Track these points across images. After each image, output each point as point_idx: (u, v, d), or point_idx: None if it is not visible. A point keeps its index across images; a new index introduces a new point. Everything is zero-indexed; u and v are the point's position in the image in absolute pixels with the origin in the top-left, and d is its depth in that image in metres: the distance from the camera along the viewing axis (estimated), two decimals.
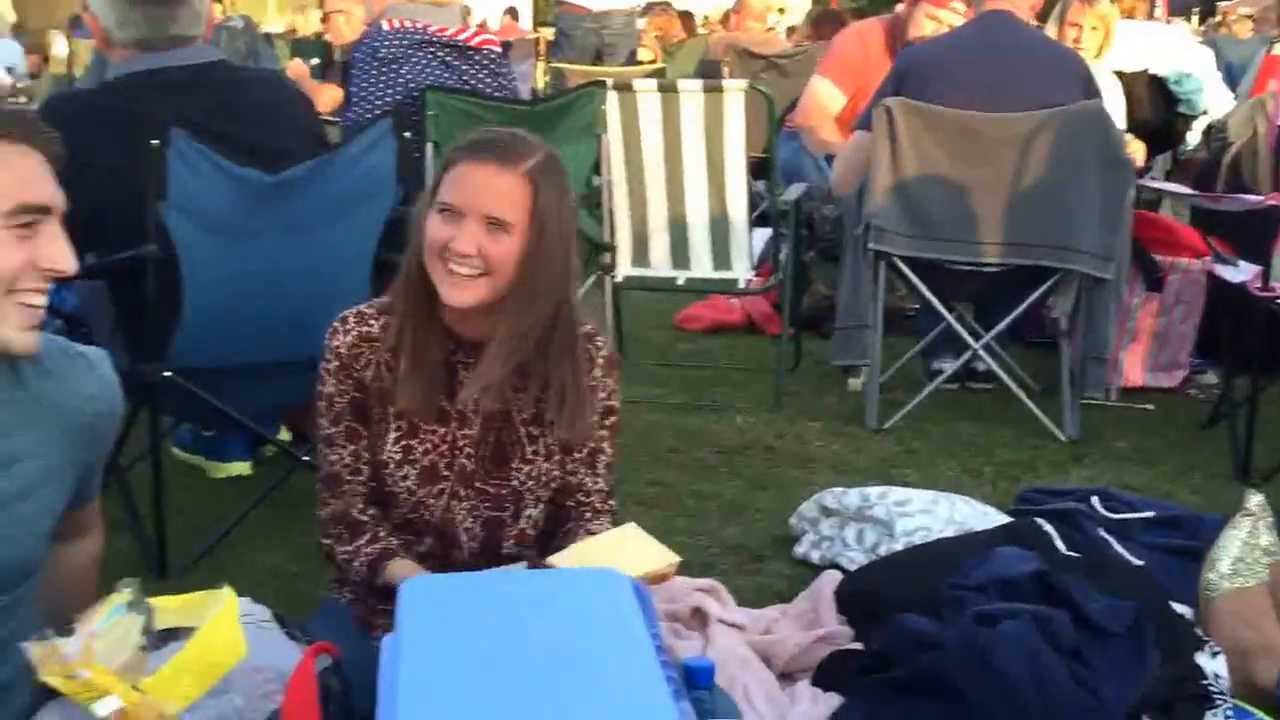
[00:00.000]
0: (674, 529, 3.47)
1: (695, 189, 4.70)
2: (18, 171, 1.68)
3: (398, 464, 2.26)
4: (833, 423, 4.43)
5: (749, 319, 5.77)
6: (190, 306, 3.01)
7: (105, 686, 1.54)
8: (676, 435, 4.27)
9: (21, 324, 1.71)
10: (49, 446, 1.84)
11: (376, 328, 2.25)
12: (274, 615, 1.82)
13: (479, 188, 2.13)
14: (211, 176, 2.97)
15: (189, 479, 3.83)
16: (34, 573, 1.90)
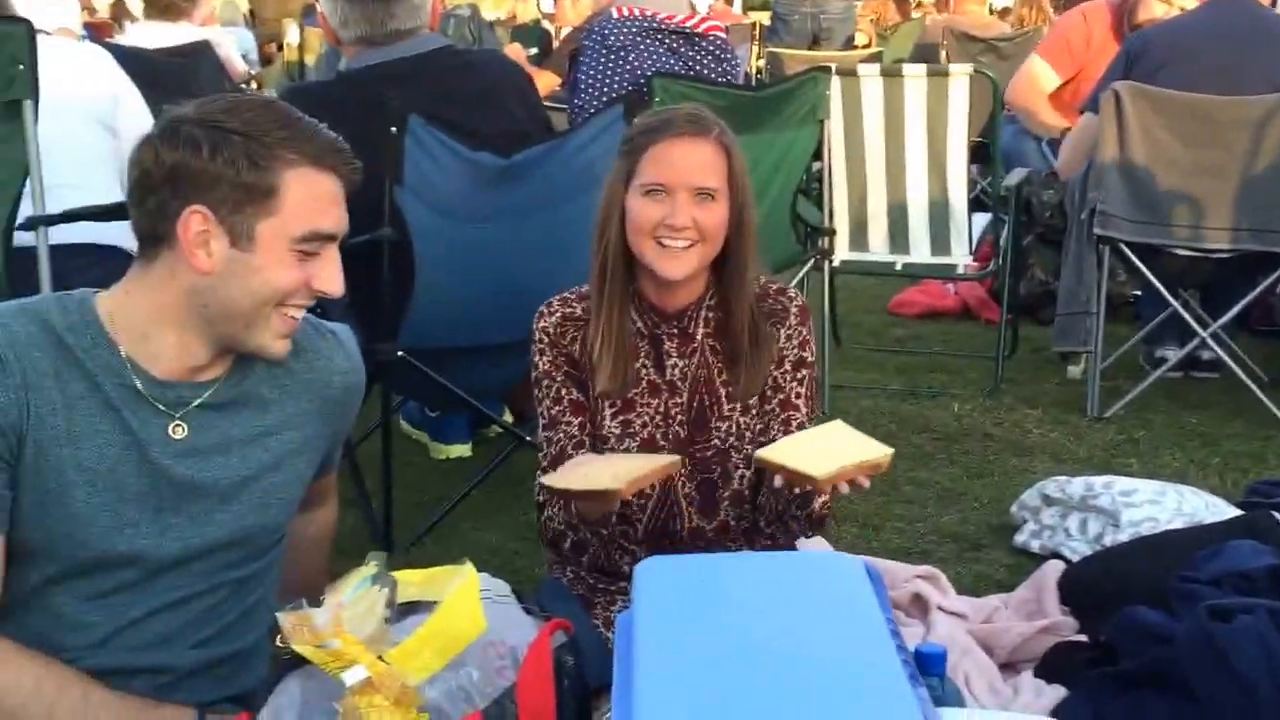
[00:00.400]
0: (891, 515, 3.46)
1: (915, 174, 4.65)
2: (316, 197, 1.75)
3: (618, 438, 2.32)
4: (1052, 410, 4.33)
5: (964, 305, 5.67)
6: (422, 288, 3.11)
7: (353, 656, 1.59)
8: (893, 421, 4.23)
9: (281, 332, 1.79)
10: (302, 419, 1.93)
11: (579, 309, 2.34)
12: (511, 590, 1.87)
13: (683, 162, 2.20)
14: (446, 161, 3.06)
15: (414, 457, 3.97)
16: (282, 539, 1.99)
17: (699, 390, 2.33)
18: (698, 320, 2.32)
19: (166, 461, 1.77)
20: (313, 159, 1.74)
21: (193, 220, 1.70)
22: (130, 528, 1.76)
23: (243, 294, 1.74)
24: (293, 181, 1.72)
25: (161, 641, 1.81)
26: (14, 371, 1.67)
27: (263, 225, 1.72)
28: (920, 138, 4.60)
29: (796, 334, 2.34)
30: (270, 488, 1.88)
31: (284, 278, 1.74)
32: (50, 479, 1.70)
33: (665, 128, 2.22)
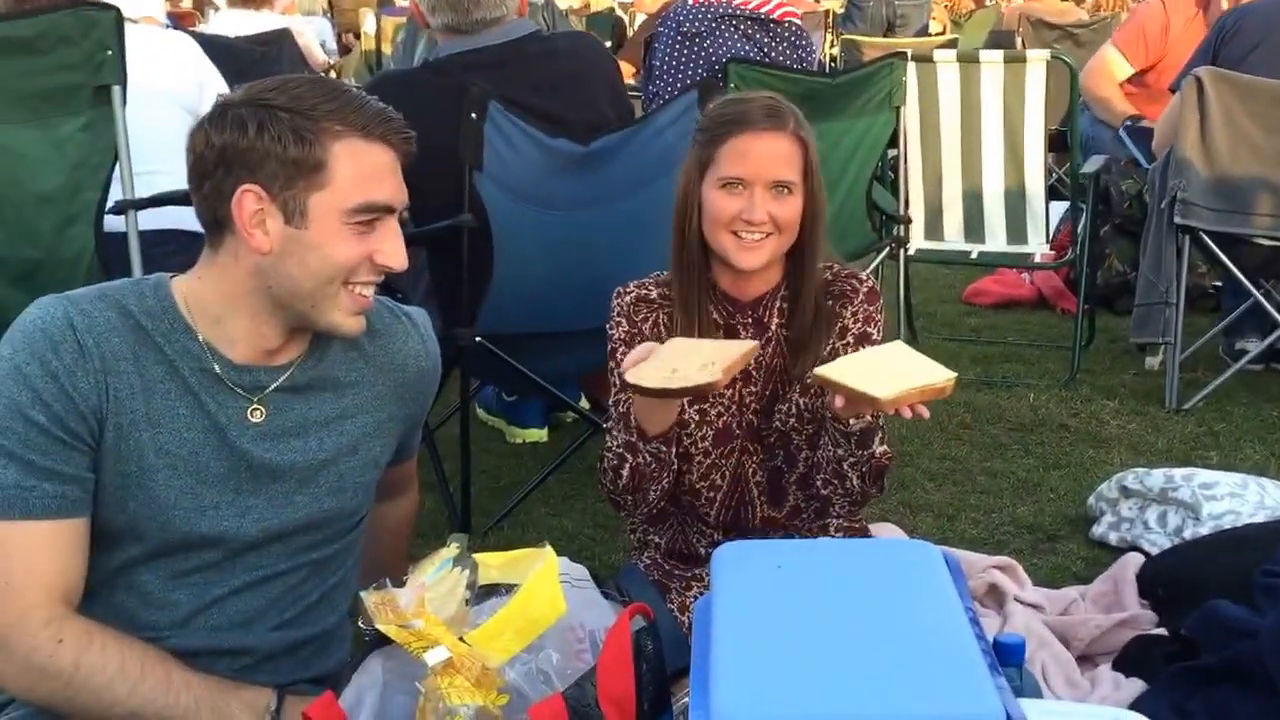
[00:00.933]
0: (966, 505, 3.45)
1: (992, 162, 4.61)
2: (367, 169, 1.73)
3: (696, 424, 2.32)
4: (1129, 401, 4.28)
5: (1039, 294, 5.61)
6: (500, 273, 3.13)
7: (435, 637, 1.61)
8: (968, 411, 4.20)
9: (352, 309, 1.78)
10: (377, 403, 1.93)
11: (655, 293, 2.35)
12: (590, 575, 1.88)
13: (761, 157, 2.20)
14: (525, 147, 3.07)
15: (490, 443, 4.00)
16: (361, 523, 1.99)
17: (772, 379, 2.33)
18: (772, 310, 2.32)
19: (245, 445, 1.79)
20: (360, 129, 1.72)
21: (246, 200, 1.71)
22: (211, 510, 1.78)
23: (303, 272, 1.73)
24: (341, 153, 1.71)
25: (244, 621, 1.83)
26: (93, 356, 1.69)
27: (315, 200, 1.71)
28: (997, 125, 4.56)
29: (862, 310, 2.32)
30: (347, 471, 1.89)
31: (342, 253, 1.73)
32: (131, 463, 1.72)
33: (743, 120, 2.21)
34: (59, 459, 1.68)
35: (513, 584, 1.74)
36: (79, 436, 1.69)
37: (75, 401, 1.68)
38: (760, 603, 1.61)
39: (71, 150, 2.97)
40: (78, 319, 1.70)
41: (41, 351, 1.67)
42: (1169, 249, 4.11)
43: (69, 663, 1.67)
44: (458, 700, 1.59)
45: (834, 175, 3.79)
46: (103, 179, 3.01)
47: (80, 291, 1.76)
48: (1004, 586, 2.79)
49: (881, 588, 1.67)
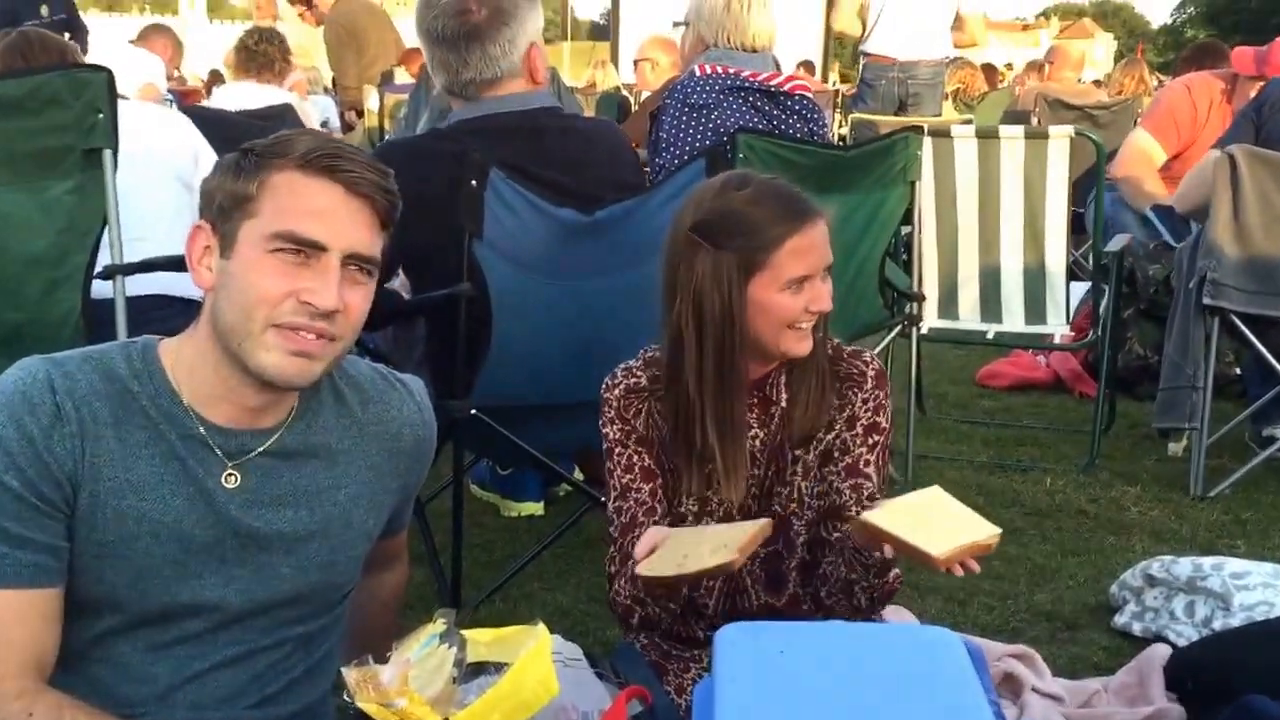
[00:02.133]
0: (979, 590, 3.32)
1: (1010, 239, 4.51)
2: (298, 200, 1.65)
3: (695, 516, 2.22)
4: (1151, 488, 4.15)
5: (1056, 377, 5.50)
6: (498, 344, 3.04)
7: (419, 717, 1.51)
8: (980, 494, 4.08)
9: (285, 349, 1.65)
10: (371, 473, 1.86)
11: (645, 379, 2.24)
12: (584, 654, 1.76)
13: (821, 247, 2.13)
14: (528, 215, 2.99)
15: (484, 516, 3.89)
16: (347, 597, 1.92)
17: (774, 459, 2.22)
18: (777, 386, 2.22)
19: (233, 512, 1.72)
20: (297, 161, 1.66)
21: (197, 236, 1.70)
22: (195, 579, 1.71)
23: (229, 305, 1.66)
24: (273, 183, 1.66)
25: (225, 698, 1.75)
26: (71, 420, 1.64)
27: (244, 229, 1.66)
28: (1017, 202, 4.47)
29: (872, 398, 2.22)
30: (338, 544, 1.82)
31: (261, 283, 1.64)
32: (110, 531, 1.66)
33: (795, 219, 2.10)
34: (32, 526, 1.61)
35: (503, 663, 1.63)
36: (53, 504, 1.63)
37: (50, 467, 1.62)
38: (766, 689, 1.49)
39: (60, 213, 2.93)
40: (59, 381, 1.64)
41: (18, 414, 1.62)
42: (1197, 331, 4.00)
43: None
44: None
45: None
46: (91, 243, 2.97)
47: (65, 354, 1.71)
48: (1021, 676, 2.65)
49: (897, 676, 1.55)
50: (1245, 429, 4.56)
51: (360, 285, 1.70)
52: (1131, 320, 5.05)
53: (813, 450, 2.22)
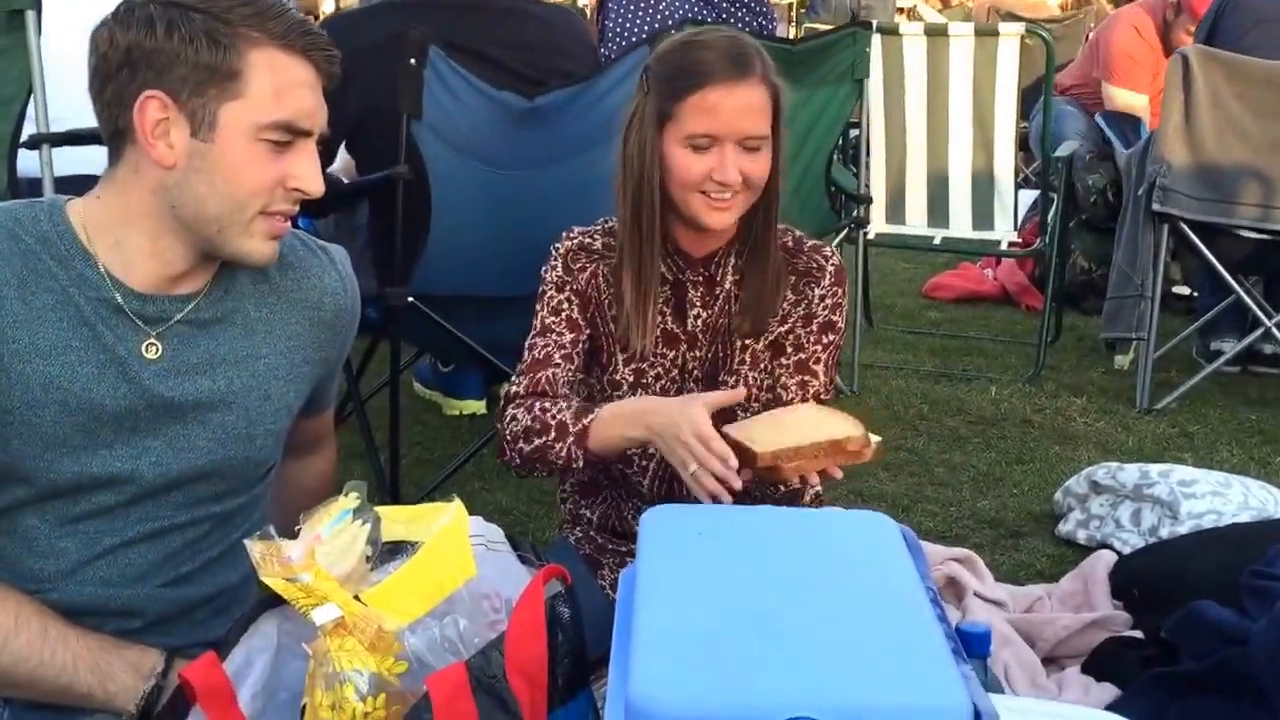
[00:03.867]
0: (922, 497, 3.28)
1: (959, 142, 4.43)
2: (286, 83, 1.58)
3: (630, 386, 2.14)
4: (1098, 400, 4.12)
5: (1003, 291, 5.46)
6: (436, 231, 2.94)
7: (325, 593, 1.42)
8: (925, 403, 4.04)
9: (265, 235, 1.63)
10: (290, 342, 1.78)
11: (598, 243, 2.17)
12: (506, 536, 1.67)
13: (732, 112, 1.98)
14: (468, 98, 2.87)
15: (426, 414, 3.84)
16: (269, 475, 1.85)
17: (717, 341, 2.14)
18: (725, 268, 2.13)
19: (145, 380, 1.64)
20: (280, 38, 1.57)
21: (149, 107, 1.55)
22: (105, 449, 1.63)
23: (210, 193, 1.58)
24: (258, 63, 1.56)
25: (136, 576, 1.68)
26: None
27: (225, 110, 1.56)
28: (965, 103, 4.38)
29: (831, 294, 2.13)
30: (255, 416, 1.74)
31: (253, 174, 1.58)
32: (15, 396, 1.58)
33: (708, 71, 1.99)
34: None
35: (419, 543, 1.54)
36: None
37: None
38: (693, 572, 1.41)
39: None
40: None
41: None
42: (1146, 239, 3.94)
43: None
44: (349, 665, 1.40)
45: (793, 150, 3.59)
46: (15, 111, 2.83)
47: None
48: (963, 580, 2.60)
49: (831, 560, 1.47)
50: (1193, 343, 4.53)
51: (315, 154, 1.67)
52: (1074, 232, 4.99)
53: (762, 340, 2.14)
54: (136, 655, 1.63)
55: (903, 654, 1.27)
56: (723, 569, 1.41)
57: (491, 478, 3.32)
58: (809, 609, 1.33)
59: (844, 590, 1.39)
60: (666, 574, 1.41)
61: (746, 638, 1.27)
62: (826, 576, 1.41)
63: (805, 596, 1.36)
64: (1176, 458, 3.58)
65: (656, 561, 1.44)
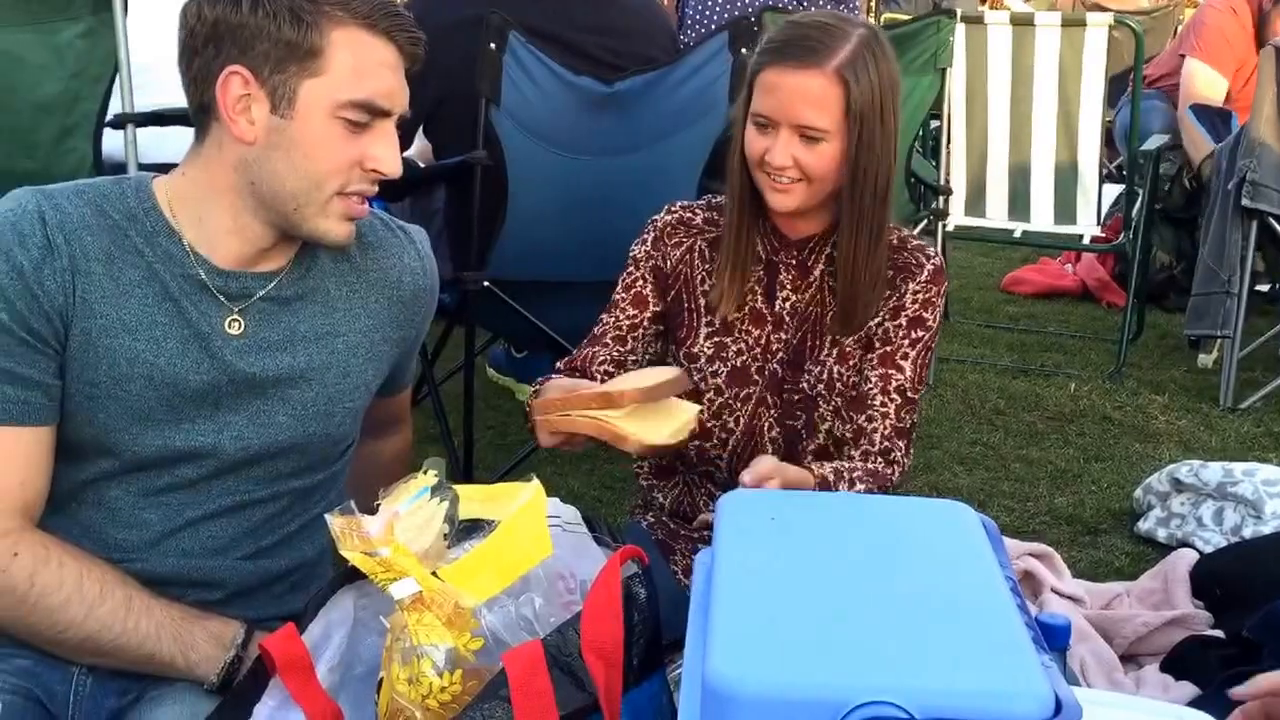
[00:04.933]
0: (998, 493, 3.24)
1: (1043, 134, 4.35)
2: (368, 63, 1.59)
3: (709, 359, 2.14)
4: (1179, 398, 4.05)
5: (1083, 286, 5.36)
6: (512, 216, 2.95)
7: (404, 568, 1.42)
8: (1002, 397, 3.99)
9: (341, 215, 1.64)
10: (369, 320, 1.79)
11: (699, 218, 2.17)
12: (583, 518, 1.67)
13: (788, 97, 1.96)
14: (547, 83, 2.88)
15: (499, 400, 3.85)
16: (347, 452, 1.86)
17: (806, 329, 2.12)
18: (819, 255, 2.11)
19: (228, 356, 1.66)
20: (364, 19, 1.57)
21: (231, 82, 1.57)
22: (188, 423, 1.65)
23: (289, 171, 1.59)
24: (340, 41, 1.56)
25: (217, 548, 1.71)
26: (62, 254, 1.57)
27: (306, 88, 1.57)
28: (1051, 94, 4.30)
29: (925, 291, 2.09)
30: (335, 393, 1.75)
31: (330, 153, 1.59)
32: (102, 371, 1.60)
33: (780, 52, 1.98)
34: (22, 361, 1.56)
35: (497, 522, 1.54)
36: (44, 339, 1.57)
37: (40, 301, 1.56)
38: (771, 556, 1.40)
39: (70, 57, 2.84)
40: (50, 213, 1.58)
41: (8, 246, 1.56)
42: (1234, 234, 3.85)
43: (23, 579, 1.55)
44: (425, 639, 1.40)
45: None
46: (102, 90, 2.88)
47: (56, 186, 1.64)
48: (1040, 575, 2.57)
49: (910, 547, 1.45)
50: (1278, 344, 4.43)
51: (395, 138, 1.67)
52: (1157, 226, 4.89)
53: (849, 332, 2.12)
54: (218, 626, 1.65)
55: (983, 642, 1.25)
56: (801, 553, 1.40)
57: (563, 463, 3.33)
58: (888, 594, 1.32)
59: (924, 577, 1.37)
60: (745, 557, 1.40)
61: (826, 621, 1.26)
62: (906, 563, 1.40)
63: (885, 582, 1.35)
64: (1260, 457, 3.50)
65: (734, 545, 1.43)
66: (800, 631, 1.25)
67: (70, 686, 1.63)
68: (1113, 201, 4.97)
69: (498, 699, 1.30)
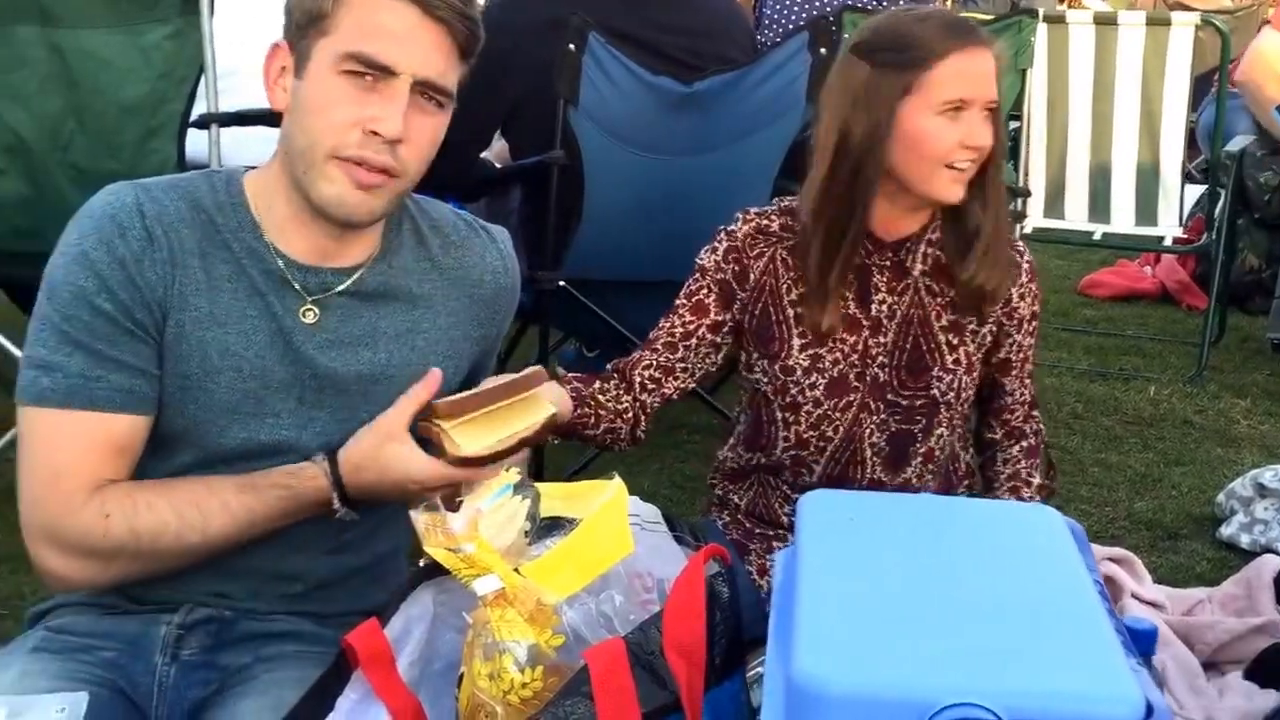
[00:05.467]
0: (1076, 497, 3.20)
1: (1125, 134, 4.29)
2: (373, 20, 1.55)
3: (805, 371, 2.09)
4: (1262, 402, 3.98)
5: (1163, 289, 5.29)
6: (589, 216, 2.96)
7: (487, 565, 1.42)
8: (1079, 401, 3.95)
9: (346, 181, 1.58)
10: (450, 318, 1.79)
11: (776, 225, 2.12)
12: (663, 517, 1.67)
13: (981, 74, 1.94)
14: (625, 83, 2.89)
15: None
16: None
17: (911, 332, 2.08)
18: (915, 254, 2.07)
19: (310, 351, 1.66)
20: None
21: (276, 54, 1.61)
22: (273, 418, 1.66)
23: (298, 130, 1.58)
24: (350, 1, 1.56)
25: (300, 542, 1.71)
26: (161, 245, 1.59)
27: (317, 48, 1.57)
28: (1133, 94, 4.24)
29: (1028, 291, 2.11)
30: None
31: (329, 108, 1.55)
32: (193, 363, 1.62)
33: (956, 37, 1.94)
34: (126, 350, 1.58)
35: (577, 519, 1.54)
36: (145, 329, 1.59)
37: (142, 290, 1.58)
38: (855, 556, 1.40)
39: (158, 59, 2.90)
40: (148, 206, 1.60)
41: (109, 238, 1.57)
42: None
43: (126, 534, 1.57)
44: (508, 635, 1.40)
45: None
46: (186, 91, 2.93)
47: (152, 180, 1.66)
48: (1120, 580, 2.54)
49: (995, 549, 1.44)
50: None
51: (429, 115, 1.61)
52: (1244, 230, 4.80)
53: (973, 341, 2.08)
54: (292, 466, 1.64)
55: (1072, 644, 1.24)
56: (885, 553, 1.40)
57: (634, 462, 3.31)
58: (974, 595, 1.31)
59: (1011, 578, 1.36)
60: (828, 557, 1.40)
61: (912, 621, 1.26)
62: (992, 564, 1.39)
63: (970, 583, 1.34)
64: None
65: (818, 544, 1.43)
66: (887, 631, 1.24)
67: (154, 678, 1.64)
68: (1194, 203, 4.89)
69: (580, 695, 1.30)
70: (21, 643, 1.65)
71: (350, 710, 1.46)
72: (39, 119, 2.86)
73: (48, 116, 2.86)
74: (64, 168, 2.88)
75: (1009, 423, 2.21)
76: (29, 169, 2.88)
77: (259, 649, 1.67)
